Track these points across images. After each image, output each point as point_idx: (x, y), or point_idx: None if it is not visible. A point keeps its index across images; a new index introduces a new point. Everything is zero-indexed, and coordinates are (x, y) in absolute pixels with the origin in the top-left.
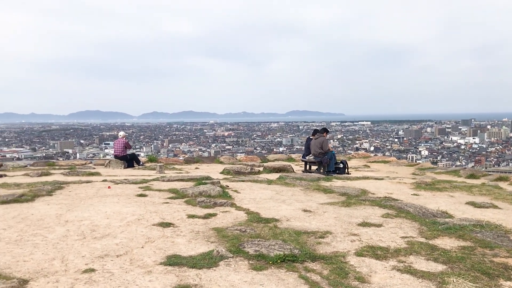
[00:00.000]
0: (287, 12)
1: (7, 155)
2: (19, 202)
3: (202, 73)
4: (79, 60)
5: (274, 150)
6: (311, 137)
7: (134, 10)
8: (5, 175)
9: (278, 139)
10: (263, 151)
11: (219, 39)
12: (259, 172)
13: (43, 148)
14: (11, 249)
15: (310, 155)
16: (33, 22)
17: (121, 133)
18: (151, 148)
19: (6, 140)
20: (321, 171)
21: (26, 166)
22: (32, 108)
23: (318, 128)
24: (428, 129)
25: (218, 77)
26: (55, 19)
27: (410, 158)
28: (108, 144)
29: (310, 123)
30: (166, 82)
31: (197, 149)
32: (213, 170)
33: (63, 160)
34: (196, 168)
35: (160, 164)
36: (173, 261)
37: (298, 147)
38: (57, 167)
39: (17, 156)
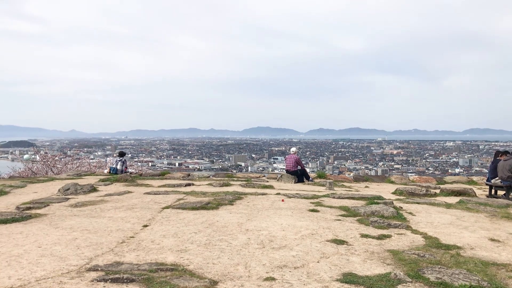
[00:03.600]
0: (470, 22)
1: (190, 166)
2: (205, 209)
3: (370, 89)
4: (253, 80)
5: (449, 171)
6: (498, 158)
7: (305, 29)
8: (193, 184)
9: (454, 159)
10: (436, 172)
11: (390, 54)
12: (435, 195)
13: (220, 160)
14: (202, 251)
15: (497, 178)
16: (216, 47)
17: (293, 149)
18: (317, 164)
19: (190, 152)
20: (510, 197)
21: (209, 176)
22: (211, 124)
23: (508, 150)
24: None
25: (388, 93)
26: (235, 43)
27: None
28: (277, 159)
29: (493, 143)
30: (334, 98)
31: (363, 167)
32: (384, 190)
33: (236, 172)
34: (366, 186)
35: (329, 180)
36: (349, 279)
37: (477, 168)
38: (235, 178)
39: (198, 167)
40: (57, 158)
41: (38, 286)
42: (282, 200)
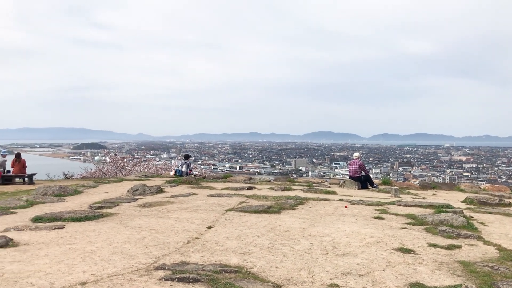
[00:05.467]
0: None
1: (251, 170)
2: (267, 213)
3: (438, 93)
4: (315, 84)
5: None
6: None
7: (371, 32)
8: (255, 188)
9: None
10: (510, 181)
11: (460, 57)
12: (509, 205)
13: (280, 164)
14: (265, 255)
15: None
16: (279, 51)
17: (356, 154)
18: (380, 170)
19: (251, 156)
20: None
21: (270, 180)
22: (272, 128)
23: None
24: None
25: (457, 97)
26: (298, 47)
27: None
28: (338, 164)
29: None
30: (399, 103)
31: (430, 174)
32: (453, 198)
33: (297, 176)
34: (433, 194)
35: (395, 187)
36: None
37: None
38: (296, 183)
39: (258, 171)
40: (125, 160)
41: (110, 282)
42: (346, 206)
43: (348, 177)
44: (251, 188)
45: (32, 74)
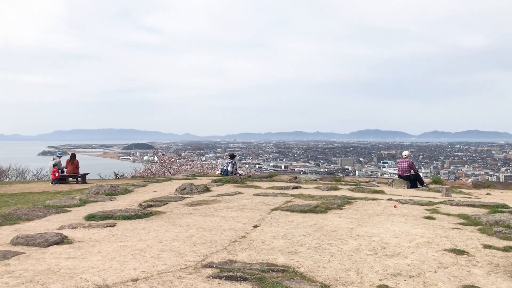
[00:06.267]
0: None
1: (295, 169)
2: (314, 212)
3: (491, 88)
4: (361, 81)
5: None
6: None
7: (419, 26)
8: (300, 187)
9: None
10: None
11: None
12: None
13: (326, 164)
14: (312, 254)
15: None
16: (324, 49)
17: (405, 153)
18: (430, 169)
19: (295, 155)
20: None
21: (316, 180)
22: (317, 127)
23: None
24: None
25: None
26: (343, 44)
27: None
28: (386, 163)
29: None
30: (449, 99)
31: (483, 173)
32: (509, 198)
33: (343, 176)
34: (487, 194)
35: (446, 186)
36: None
37: None
38: (343, 182)
39: (303, 170)
40: (173, 159)
41: (160, 279)
42: (395, 206)
43: (396, 176)
44: (296, 187)
45: (84, 77)
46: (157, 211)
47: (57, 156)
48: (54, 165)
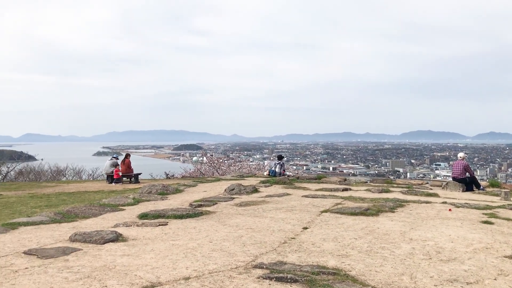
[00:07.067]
0: None
1: (344, 171)
2: (365, 215)
3: None
4: (413, 81)
5: None
6: None
7: (474, 24)
8: (350, 189)
9: None
10: None
11: None
12: None
13: (376, 166)
14: (363, 258)
15: None
16: (374, 48)
17: (461, 155)
18: (486, 171)
19: (344, 157)
20: None
21: (366, 182)
22: (367, 128)
23: None
24: None
25: None
26: (394, 43)
27: None
28: (439, 165)
29: None
30: (507, 98)
31: None
32: None
33: (394, 178)
34: None
35: (505, 190)
36: None
37: None
38: (394, 185)
39: (352, 172)
40: (221, 160)
41: (211, 278)
42: (449, 210)
43: (451, 179)
44: (346, 189)
45: (137, 81)
46: (207, 210)
47: (114, 157)
48: (116, 165)
